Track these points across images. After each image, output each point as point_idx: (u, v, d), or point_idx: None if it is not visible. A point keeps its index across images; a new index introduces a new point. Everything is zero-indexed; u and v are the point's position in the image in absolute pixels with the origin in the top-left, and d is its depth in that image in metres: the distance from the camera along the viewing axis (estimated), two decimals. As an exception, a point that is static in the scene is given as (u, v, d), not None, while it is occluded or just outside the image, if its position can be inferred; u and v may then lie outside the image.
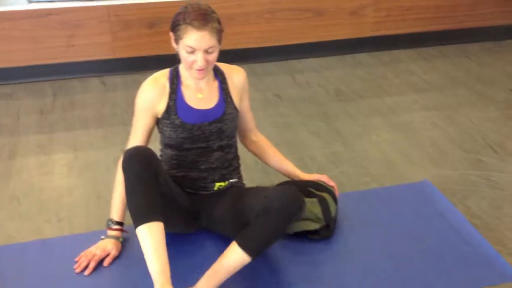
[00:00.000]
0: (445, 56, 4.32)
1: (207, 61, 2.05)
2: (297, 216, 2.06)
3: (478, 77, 3.98)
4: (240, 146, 2.39)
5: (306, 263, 2.26)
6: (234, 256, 1.99)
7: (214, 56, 2.07)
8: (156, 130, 2.27)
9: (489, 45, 4.51)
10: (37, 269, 2.21)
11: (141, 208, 1.96)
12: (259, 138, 2.43)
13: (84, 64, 3.84)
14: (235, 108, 2.25)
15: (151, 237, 1.93)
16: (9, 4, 3.66)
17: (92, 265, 2.16)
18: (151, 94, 2.17)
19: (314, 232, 2.34)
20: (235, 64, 2.28)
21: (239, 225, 2.06)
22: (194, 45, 2.01)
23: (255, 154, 2.46)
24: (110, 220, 2.24)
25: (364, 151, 3.07)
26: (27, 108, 3.46)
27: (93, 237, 2.37)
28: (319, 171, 2.84)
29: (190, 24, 1.99)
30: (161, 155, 2.30)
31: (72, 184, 2.76)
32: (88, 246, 2.30)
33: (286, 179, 2.49)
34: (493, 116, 3.45)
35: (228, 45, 4.16)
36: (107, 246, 2.21)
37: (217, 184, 2.25)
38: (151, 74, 3.95)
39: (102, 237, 2.25)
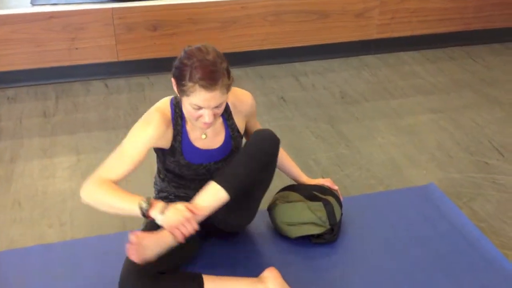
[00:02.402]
0: (451, 58, 4.29)
1: (215, 115, 1.91)
2: (273, 151, 2.03)
3: (484, 79, 3.95)
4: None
5: (310, 267, 2.23)
6: (212, 194, 1.94)
7: (222, 108, 1.93)
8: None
9: (496, 47, 4.47)
10: (39, 274, 2.19)
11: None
12: None
13: (87, 67, 3.82)
14: (241, 137, 2.17)
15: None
16: (11, 7, 3.65)
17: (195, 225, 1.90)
18: (157, 132, 1.98)
19: (318, 236, 2.32)
20: (240, 68, 2.16)
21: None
22: (202, 105, 1.85)
23: None
24: (142, 201, 1.87)
25: (369, 154, 3.04)
26: (30, 111, 3.45)
27: (96, 242, 2.36)
28: (323, 174, 2.83)
29: (197, 83, 1.81)
30: (158, 172, 2.22)
31: (75, 187, 2.74)
32: (91, 251, 2.29)
33: (291, 181, 2.47)
34: (499, 118, 3.42)
35: (232, 48, 4.17)
36: (180, 214, 1.87)
37: None
38: (155, 78, 3.92)
39: (160, 218, 1.86)
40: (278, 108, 3.51)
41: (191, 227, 1.87)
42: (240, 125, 2.15)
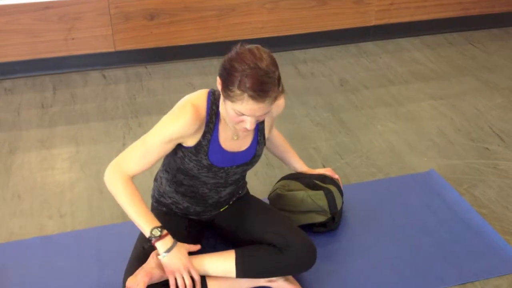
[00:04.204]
0: (450, 43, 4.27)
1: (257, 121, 1.78)
2: (309, 266, 2.00)
3: (483, 64, 3.93)
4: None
5: (312, 256, 2.23)
6: (224, 265, 1.96)
7: (266, 116, 1.79)
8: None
9: (495, 32, 4.45)
10: (40, 266, 2.19)
11: None
12: (273, 134, 2.27)
13: (84, 58, 3.80)
14: (264, 144, 2.04)
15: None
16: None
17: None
18: (187, 129, 1.82)
19: (320, 224, 2.31)
20: None
21: (242, 239, 2.06)
22: (247, 114, 1.71)
23: (266, 148, 2.30)
24: (156, 229, 1.84)
25: (370, 141, 3.03)
26: (28, 103, 3.43)
27: (96, 233, 2.35)
28: (324, 163, 2.82)
29: (246, 92, 1.65)
30: (166, 172, 2.05)
31: (74, 178, 2.73)
32: (92, 242, 2.28)
33: (291, 171, 2.46)
34: (499, 104, 3.41)
35: (230, 36, 4.14)
36: (183, 259, 1.87)
37: (222, 209, 2.16)
38: (152, 67, 3.88)
39: (164, 255, 1.84)
40: (277, 97, 3.49)
41: (187, 279, 1.85)
42: (268, 129, 2.04)
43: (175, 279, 1.85)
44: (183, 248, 1.89)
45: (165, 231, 1.85)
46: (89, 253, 2.25)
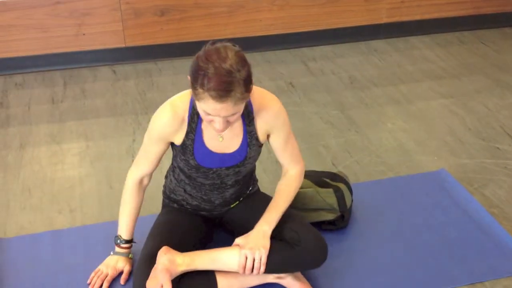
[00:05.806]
0: (461, 42, 4.24)
1: (228, 122, 1.76)
2: (319, 264, 2.01)
3: (495, 63, 3.91)
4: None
5: (321, 254, 2.22)
6: (234, 260, 1.94)
7: (236, 117, 1.75)
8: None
9: (506, 31, 4.42)
10: (49, 261, 2.19)
11: None
12: (292, 174, 2.08)
13: (94, 53, 3.80)
14: (259, 146, 1.99)
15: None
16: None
17: (106, 285, 2.05)
18: (167, 127, 1.88)
19: (329, 223, 2.30)
20: (247, 53, 1.89)
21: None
22: (212, 113, 1.71)
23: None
24: (118, 237, 2.09)
25: (379, 139, 3.02)
26: (38, 98, 3.44)
27: (106, 228, 2.35)
28: (333, 160, 2.81)
29: (208, 92, 1.64)
30: (173, 169, 2.11)
31: (84, 174, 2.74)
32: (101, 237, 2.29)
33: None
34: (510, 103, 3.39)
35: (240, 33, 4.14)
36: (118, 264, 2.10)
37: (232, 205, 2.15)
38: (162, 63, 3.89)
39: (112, 253, 2.12)
40: (286, 94, 3.49)
41: (100, 283, 2.06)
42: (261, 133, 1.95)
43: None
44: (121, 262, 2.10)
45: (125, 245, 2.10)
46: (98, 248, 2.25)
